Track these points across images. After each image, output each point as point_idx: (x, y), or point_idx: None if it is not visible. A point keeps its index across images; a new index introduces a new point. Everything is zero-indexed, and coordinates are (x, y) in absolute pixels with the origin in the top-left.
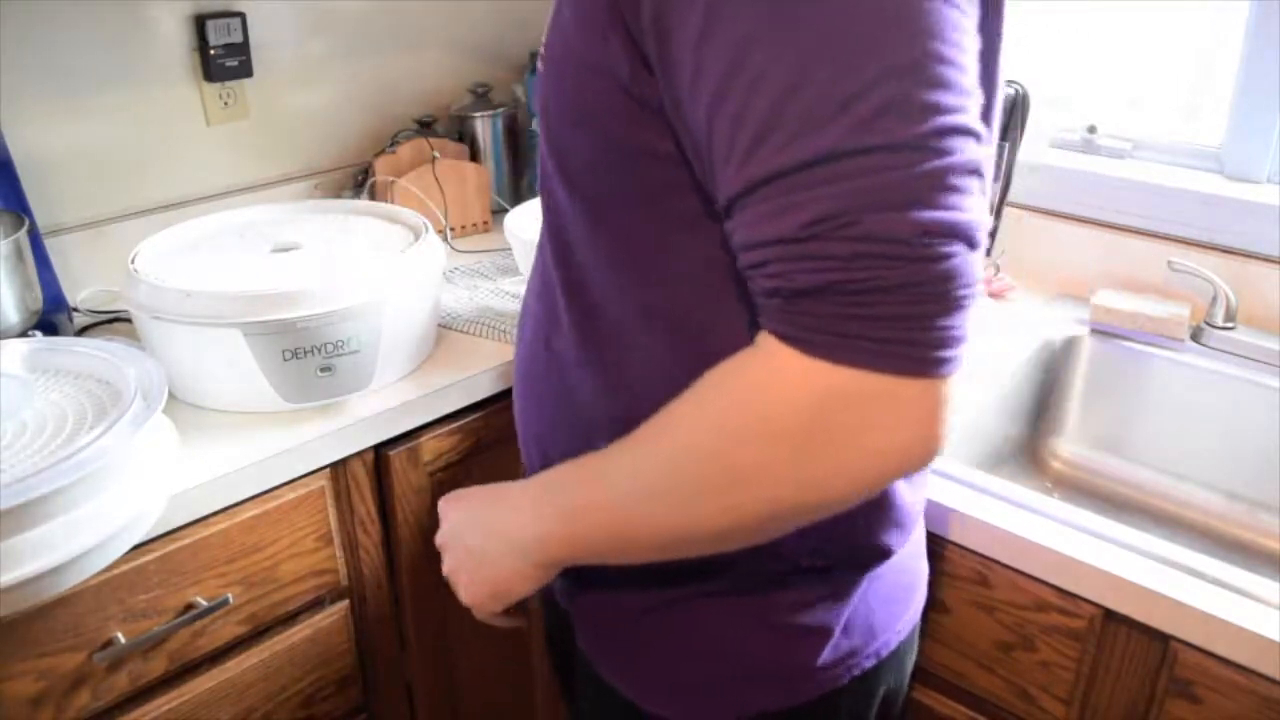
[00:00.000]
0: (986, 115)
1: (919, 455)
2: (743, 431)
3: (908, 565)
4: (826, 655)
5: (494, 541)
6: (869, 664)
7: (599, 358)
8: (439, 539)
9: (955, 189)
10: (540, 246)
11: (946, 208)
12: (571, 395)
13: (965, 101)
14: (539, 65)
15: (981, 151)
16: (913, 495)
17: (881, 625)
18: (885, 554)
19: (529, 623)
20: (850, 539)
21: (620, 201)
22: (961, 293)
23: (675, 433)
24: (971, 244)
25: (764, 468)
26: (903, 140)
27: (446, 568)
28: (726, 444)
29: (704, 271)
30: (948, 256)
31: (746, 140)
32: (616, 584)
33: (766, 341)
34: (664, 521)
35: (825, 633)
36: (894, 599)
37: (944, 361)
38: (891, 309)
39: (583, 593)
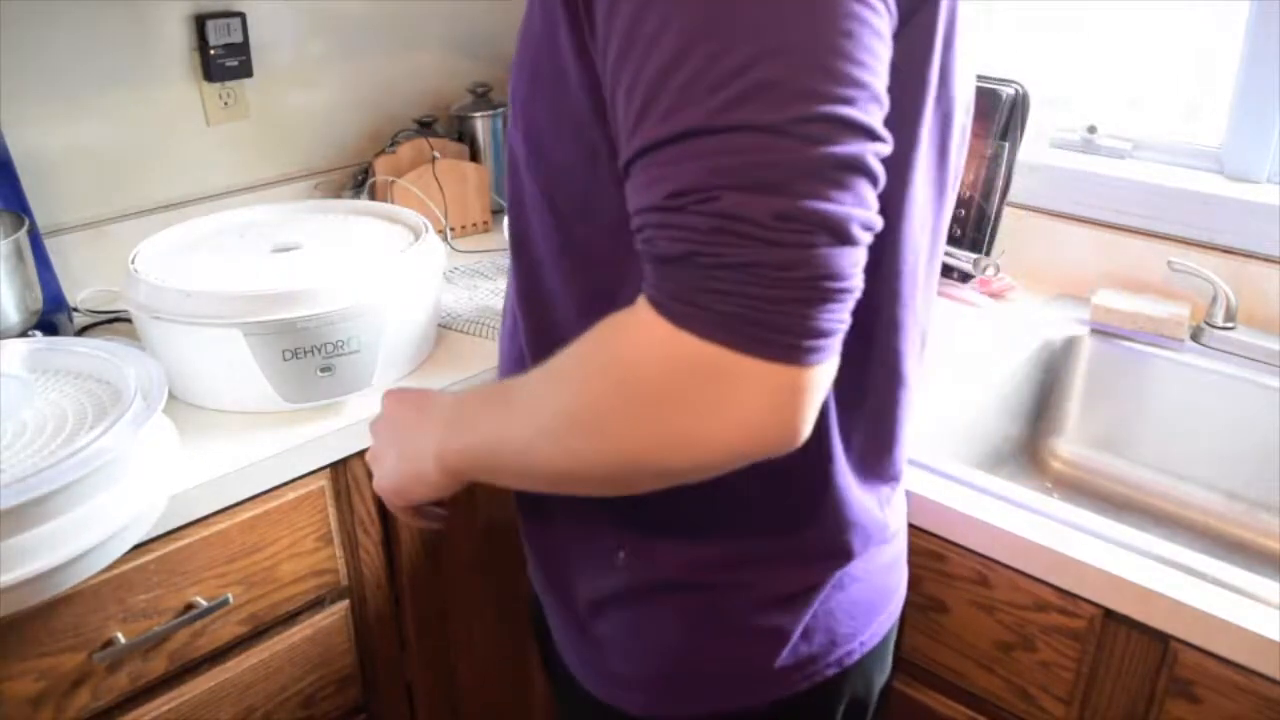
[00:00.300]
0: (898, 121)
1: (761, 440)
2: (598, 380)
3: (878, 580)
4: (784, 659)
5: (406, 444)
6: (830, 672)
7: (547, 354)
8: (371, 424)
9: (827, 179)
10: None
11: (812, 196)
12: None
13: (855, 94)
14: (516, 49)
15: (869, 148)
16: (875, 506)
17: (845, 635)
18: (845, 555)
19: (445, 527)
20: (799, 533)
21: (573, 187)
22: (825, 284)
23: (549, 373)
24: (841, 238)
25: (610, 417)
26: (773, 122)
27: (368, 454)
28: (583, 388)
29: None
30: (808, 245)
31: (635, 110)
32: (569, 577)
33: (639, 301)
34: (526, 452)
35: (781, 636)
36: (860, 611)
37: (799, 350)
38: (741, 287)
39: (546, 586)
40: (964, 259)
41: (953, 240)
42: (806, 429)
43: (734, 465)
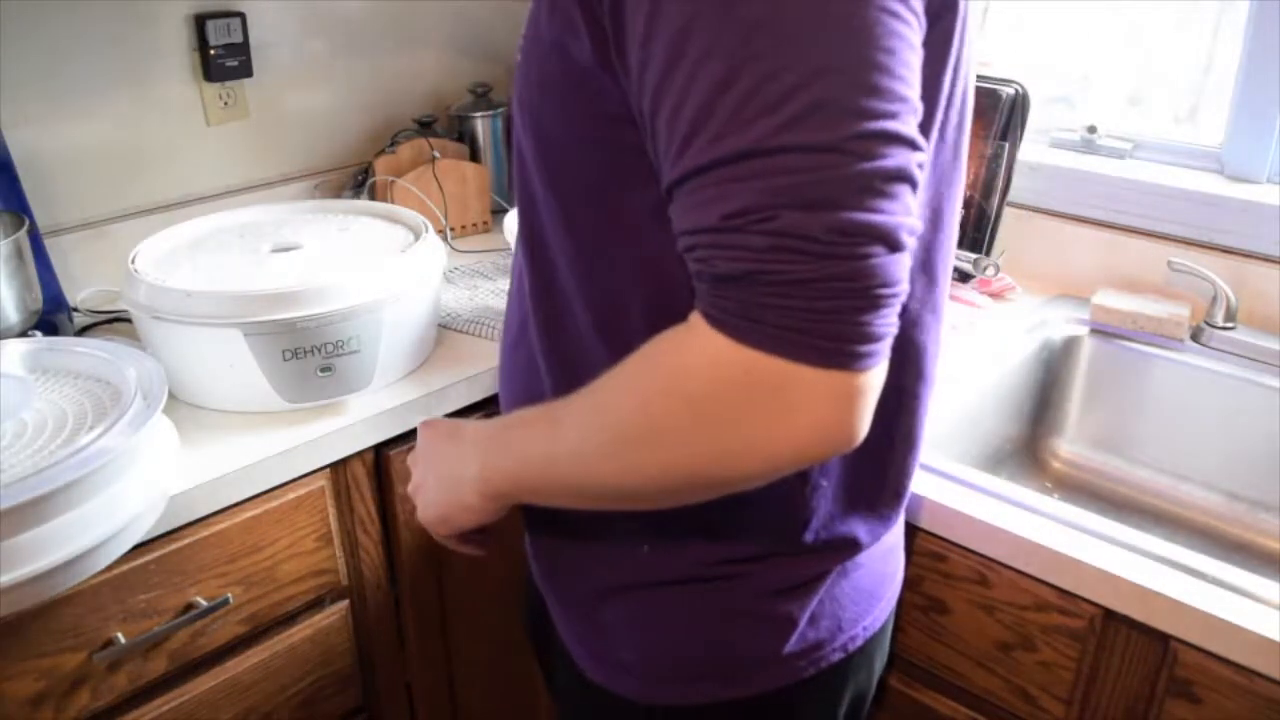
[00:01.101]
0: (927, 127)
1: (823, 444)
2: (657, 396)
3: (878, 567)
4: (792, 645)
5: (446, 471)
6: (836, 657)
7: (561, 357)
8: (410, 457)
9: (877, 192)
10: (517, 244)
11: (865, 209)
12: (539, 391)
13: (898, 108)
14: (517, 58)
15: (913, 158)
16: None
17: (849, 620)
18: (856, 545)
19: (488, 553)
20: (815, 526)
21: (590, 194)
22: (879, 291)
23: (602, 391)
24: (892, 246)
25: (673, 433)
26: (826, 142)
27: (410, 486)
28: (643, 404)
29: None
30: (864, 256)
31: (682, 133)
32: (581, 566)
33: (694, 318)
34: (581, 471)
35: (790, 623)
36: (863, 597)
37: (855, 356)
38: (804, 301)
39: (552, 575)
40: (964, 259)
41: None
42: (864, 429)
43: (791, 471)
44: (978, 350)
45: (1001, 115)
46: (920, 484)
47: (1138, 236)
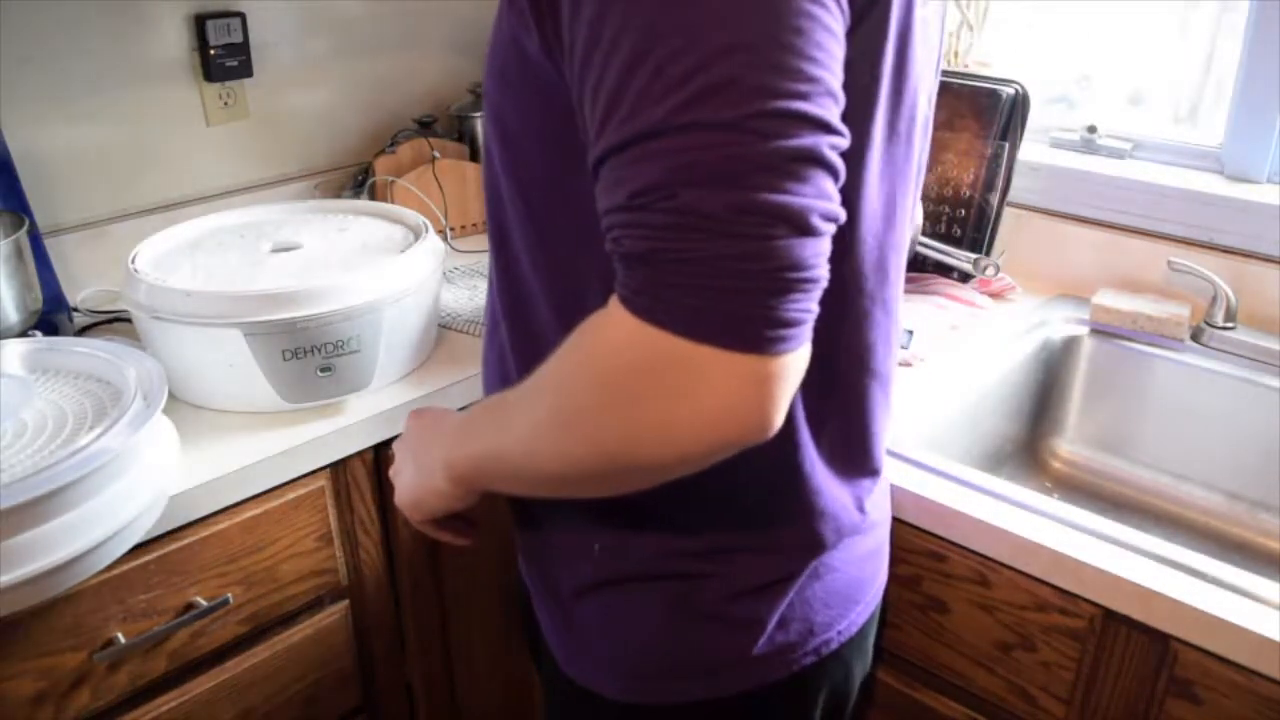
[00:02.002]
0: (858, 120)
1: (732, 429)
2: (572, 378)
3: (854, 571)
4: (760, 647)
5: (420, 458)
6: (808, 661)
7: (527, 351)
8: (395, 443)
9: (784, 172)
10: (488, 242)
11: (768, 189)
12: (511, 384)
13: (807, 89)
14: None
15: (824, 140)
16: (850, 499)
17: (822, 625)
18: (818, 546)
19: (474, 543)
20: (770, 524)
21: (549, 187)
22: (786, 275)
23: (538, 377)
24: (801, 229)
25: (589, 414)
26: (730, 119)
27: (390, 470)
28: (563, 387)
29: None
30: (767, 237)
31: (600, 114)
32: (555, 564)
33: (611, 300)
34: (524, 456)
35: (757, 625)
36: (837, 601)
37: (764, 340)
38: (702, 280)
39: (533, 571)
40: (964, 259)
41: (953, 240)
42: (779, 417)
43: (713, 457)
44: (978, 350)
45: (1001, 115)
46: (921, 484)
47: (1138, 236)
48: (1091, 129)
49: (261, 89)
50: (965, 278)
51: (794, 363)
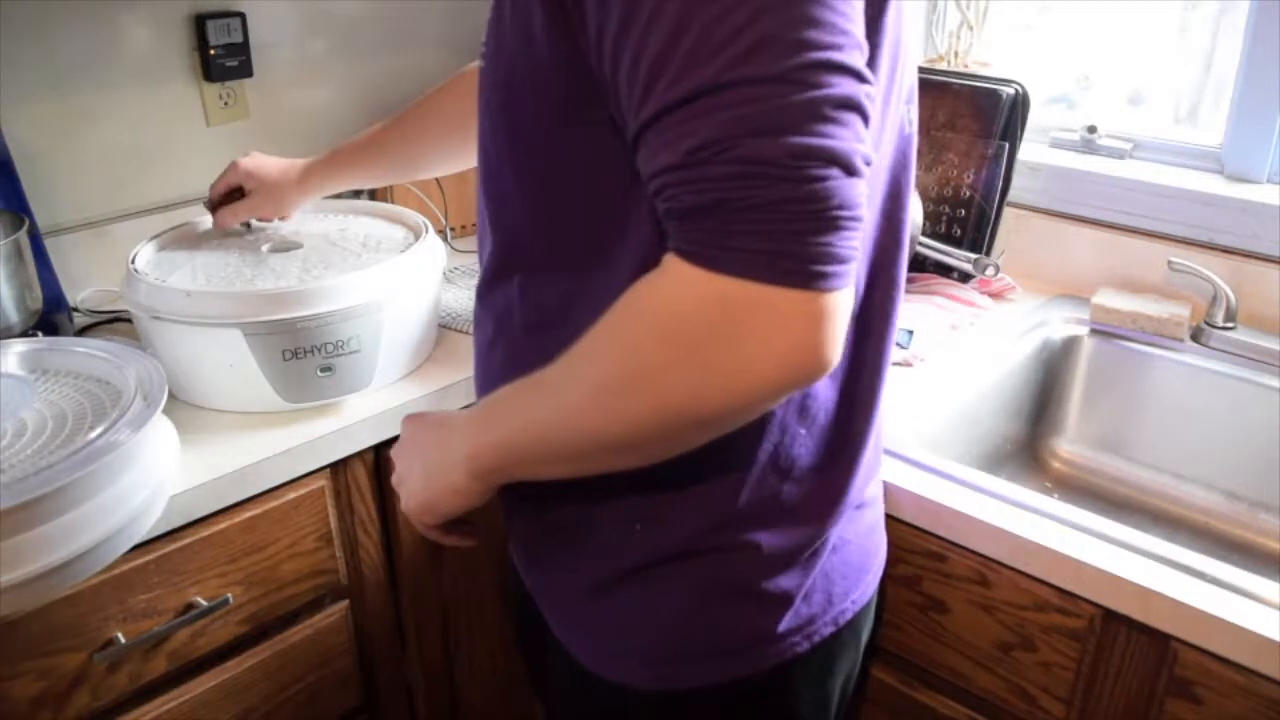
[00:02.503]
0: (873, 63)
1: (800, 366)
2: (640, 338)
3: (863, 543)
4: (787, 622)
5: (432, 459)
6: (828, 631)
7: (549, 342)
8: (393, 450)
9: (828, 118)
10: (481, 238)
11: (818, 135)
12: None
13: (841, 40)
14: (480, 61)
15: (860, 89)
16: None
17: (839, 594)
18: (861, 493)
19: (477, 545)
20: (800, 482)
21: (572, 183)
22: (837, 213)
23: (584, 347)
24: (847, 170)
25: (658, 372)
26: (775, 73)
27: (394, 478)
28: (626, 350)
29: (642, 246)
30: (821, 179)
31: (643, 81)
32: (572, 563)
33: (666, 259)
34: (569, 429)
35: (787, 598)
36: (851, 571)
37: (821, 275)
38: (769, 225)
39: (542, 576)
40: (964, 259)
41: (953, 240)
42: (837, 354)
43: (775, 400)
44: (978, 350)
45: (1001, 115)
46: (921, 484)
47: (1138, 236)
48: (1091, 129)
49: (261, 89)
50: (965, 278)
51: (846, 298)
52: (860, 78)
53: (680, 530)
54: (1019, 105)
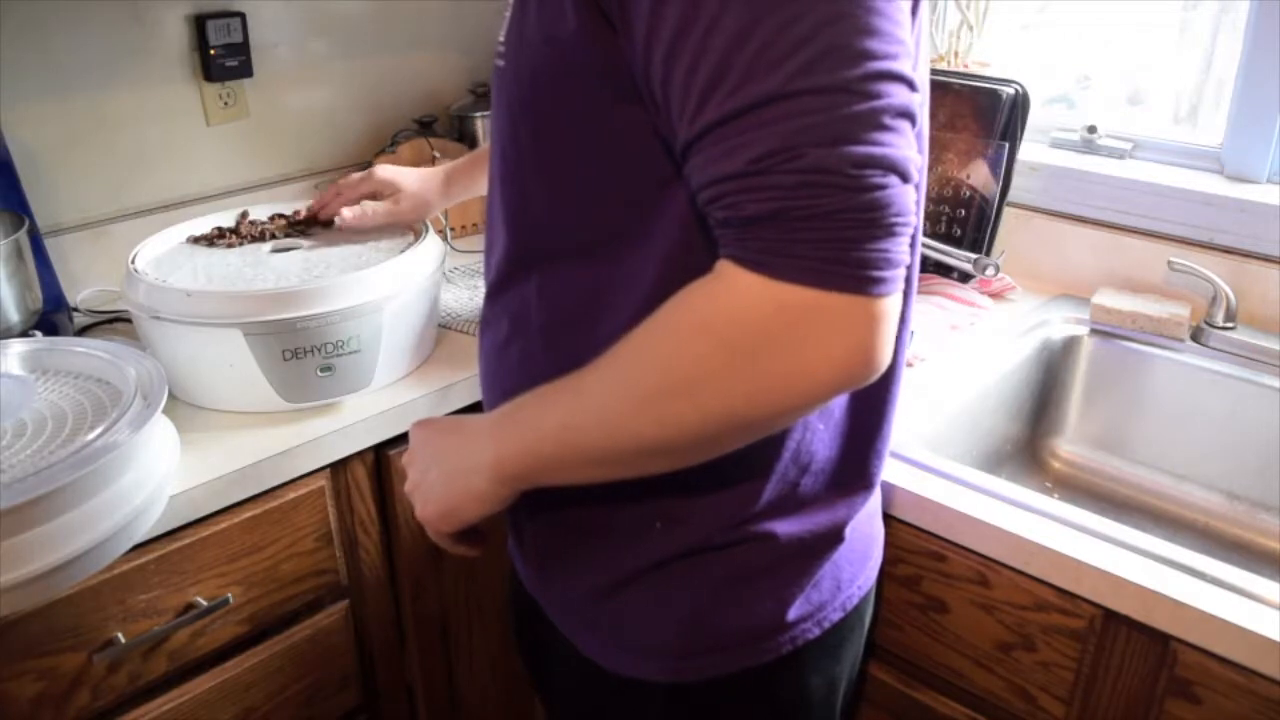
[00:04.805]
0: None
1: (855, 368)
2: (696, 344)
3: (867, 529)
4: (798, 610)
5: (450, 463)
6: (836, 616)
7: (568, 340)
8: (404, 457)
9: (887, 127)
10: (490, 239)
11: (878, 144)
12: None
13: (896, 49)
14: (496, 63)
15: (913, 97)
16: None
17: (846, 580)
18: (869, 483)
19: (484, 553)
20: (824, 470)
21: (599, 182)
22: (893, 219)
23: (628, 350)
24: (904, 177)
25: (713, 378)
26: (838, 83)
27: (407, 485)
28: (681, 356)
29: (667, 244)
30: (881, 187)
31: (699, 89)
32: (586, 563)
33: (721, 266)
34: (610, 433)
35: (799, 588)
36: (857, 558)
37: (877, 280)
38: (831, 232)
39: (552, 578)
40: (964, 259)
41: (953, 240)
42: (888, 356)
43: (822, 405)
44: (978, 350)
45: (1001, 115)
46: (920, 484)
47: (1138, 236)
48: (1091, 129)
49: (261, 89)
50: (965, 278)
51: (896, 303)
52: (912, 85)
53: (700, 528)
54: (1019, 105)
